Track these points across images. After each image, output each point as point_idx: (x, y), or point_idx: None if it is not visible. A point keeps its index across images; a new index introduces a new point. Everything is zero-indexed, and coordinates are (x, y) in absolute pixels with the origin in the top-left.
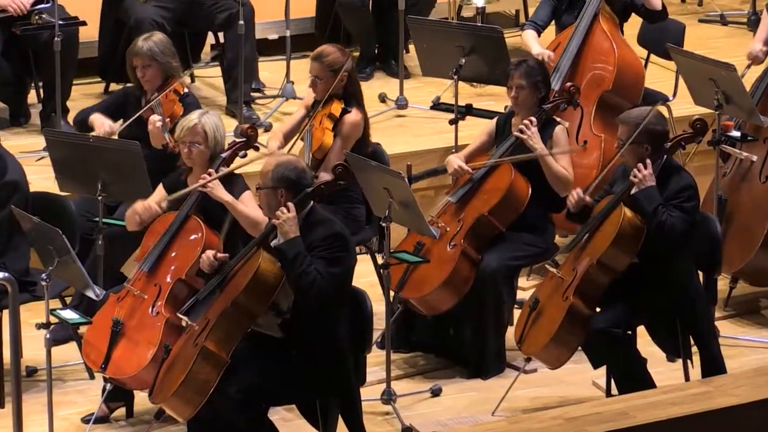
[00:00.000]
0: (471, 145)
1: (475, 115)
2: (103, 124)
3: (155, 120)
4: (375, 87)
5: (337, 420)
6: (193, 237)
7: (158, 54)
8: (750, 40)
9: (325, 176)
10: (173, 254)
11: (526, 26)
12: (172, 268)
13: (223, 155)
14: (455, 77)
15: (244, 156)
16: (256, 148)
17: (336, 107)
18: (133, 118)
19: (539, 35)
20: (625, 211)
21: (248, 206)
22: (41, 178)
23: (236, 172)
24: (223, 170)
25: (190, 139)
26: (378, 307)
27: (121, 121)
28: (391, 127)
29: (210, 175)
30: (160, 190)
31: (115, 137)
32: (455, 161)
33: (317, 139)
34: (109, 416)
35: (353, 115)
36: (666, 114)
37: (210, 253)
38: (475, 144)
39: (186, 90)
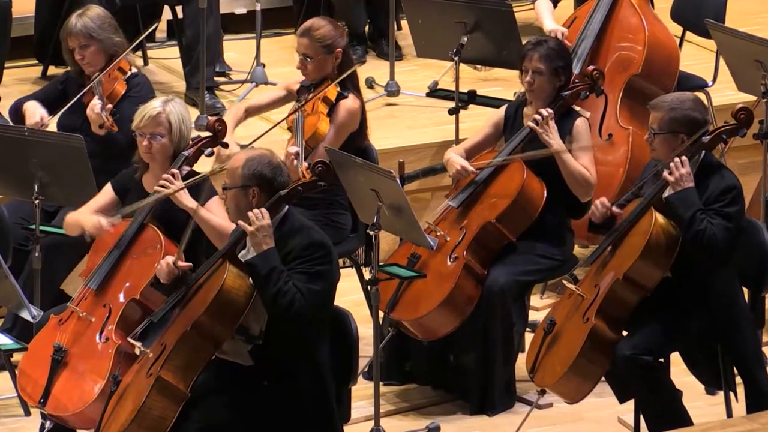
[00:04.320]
0: (473, 137)
1: (480, 104)
2: (34, 113)
3: (94, 105)
4: (361, 71)
5: None
6: (149, 249)
7: (95, 30)
8: None
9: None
10: (126, 269)
11: None
12: (126, 285)
13: (186, 153)
14: (456, 59)
15: (211, 154)
16: (225, 145)
17: (331, 91)
18: (70, 104)
19: (555, 6)
20: (656, 217)
21: (216, 214)
22: None
23: (201, 171)
24: (186, 169)
25: (151, 130)
26: (365, 330)
27: (59, 114)
28: (380, 117)
29: (174, 176)
30: (107, 192)
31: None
32: (457, 160)
33: (311, 124)
34: None
35: (350, 101)
36: (704, 101)
37: (169, 259)
38: (477, 137)
39: (134, 70)
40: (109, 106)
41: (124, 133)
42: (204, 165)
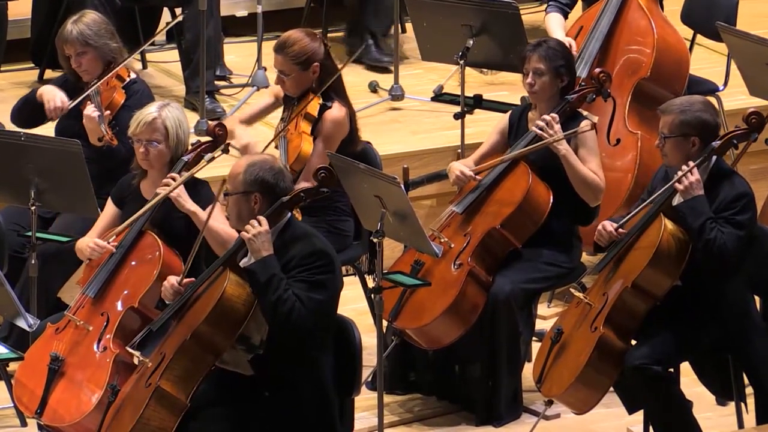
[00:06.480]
0: (481, 147)
1: (486, 108)
2: (55, 96)
3: (90, 111)
4: (365, 74)
5: None
6: (148, 256)
7: (92, 37)
8: None
9: (305, 186)
10: (125, 277)
11: (549, 8)
12: (124, 293)
13: (186, 158)
14: (461, 62)
15: (211, 159)
16: (226, 150)
17: (313, 105)
18: (69, 106)
19: (566, 18)
20: (665, 224)
21: (217, 220)
22: None
23: (201, 177)
24: (186, 174)
25: (147, 136)
26: (368, 339)
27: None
28: (384, 122)
29: (174, 180)
30: (109, 208)
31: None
32: (456, 166)
33: (294, 147)
34: None
35: (335, 111)
36: (715, 106)
37: (173, 279)
38: (485, 146)
39: (133, 75)
40: (108, 113)
41: (124, 144)
42: (204, 169)
